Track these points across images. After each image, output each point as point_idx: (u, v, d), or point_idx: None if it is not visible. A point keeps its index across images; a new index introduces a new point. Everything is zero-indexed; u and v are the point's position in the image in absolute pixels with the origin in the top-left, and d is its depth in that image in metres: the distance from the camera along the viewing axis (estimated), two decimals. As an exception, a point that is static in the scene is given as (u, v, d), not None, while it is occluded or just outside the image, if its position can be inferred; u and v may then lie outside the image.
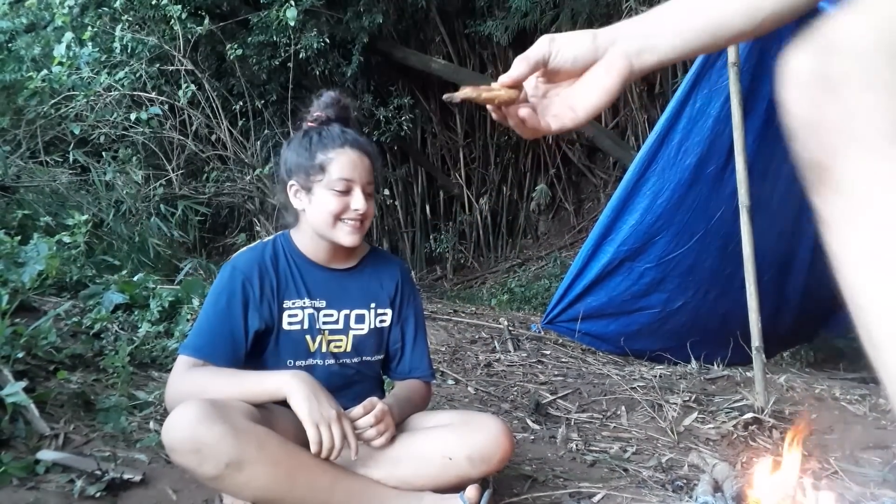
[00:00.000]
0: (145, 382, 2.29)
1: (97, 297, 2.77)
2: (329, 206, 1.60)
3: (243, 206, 4.97)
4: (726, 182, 2.81)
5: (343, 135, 1.63)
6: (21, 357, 2.03)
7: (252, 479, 1.39)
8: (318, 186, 1.60)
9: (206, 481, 1.44)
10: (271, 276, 1.63)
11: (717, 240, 3.01)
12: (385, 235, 6.35)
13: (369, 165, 1.64)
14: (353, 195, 1.60)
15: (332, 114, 1.69)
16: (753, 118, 2.78)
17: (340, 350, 1.68)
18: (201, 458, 1.36)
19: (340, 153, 1.60)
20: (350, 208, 1.60)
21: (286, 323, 1.63)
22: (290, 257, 1.68)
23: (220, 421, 1.37)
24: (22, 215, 3.59)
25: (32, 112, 4.57)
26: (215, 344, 1.58)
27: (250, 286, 1.61)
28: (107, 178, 4.45)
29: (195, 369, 1.55)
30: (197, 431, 1.36)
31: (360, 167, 1.61)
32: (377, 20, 5.01)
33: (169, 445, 1.40)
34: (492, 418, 1.65)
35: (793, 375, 3.04)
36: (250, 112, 5.01)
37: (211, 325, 1.60)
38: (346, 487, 1.50)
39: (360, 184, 1.60)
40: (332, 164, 1.59)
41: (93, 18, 4.90)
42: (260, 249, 1.69)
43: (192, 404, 1.42)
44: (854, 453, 2.12)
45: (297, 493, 1.45)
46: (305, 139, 1.64)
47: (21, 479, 1.60)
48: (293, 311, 1.64)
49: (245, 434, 1.39)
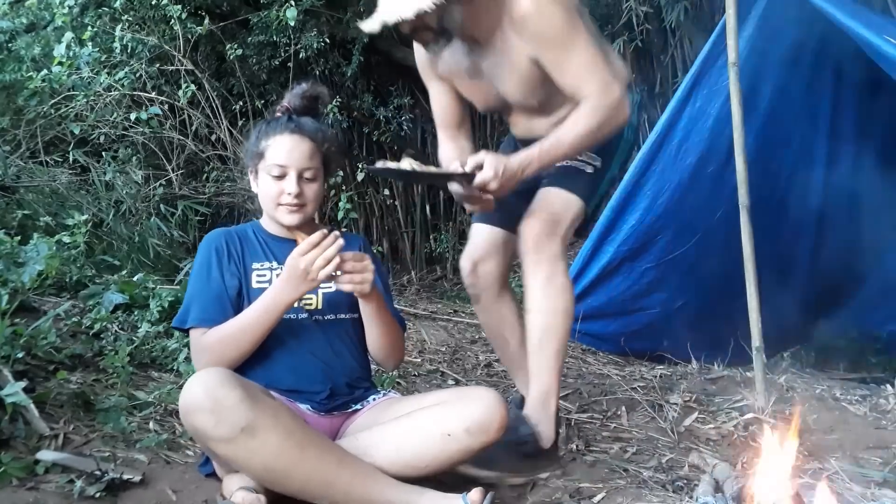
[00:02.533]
0: (145, 383, 2.29)
1: (97, 297, 2.77)
2: (267, 189, 1.74)
3: (243, 206, 4.96)
4: (726, 182, 2.81)
5: (287, 122, 1.75)
6: (21, 357, 2.03)
7: (263, 445, 1.42)
8: (261, 171, 1.75)
9: (217, 444, 1.45)
10: (236, 242, 1.78)
11: (717, 240, 3.00)
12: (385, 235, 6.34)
13: (309, 150, 1.73)
14: (287, 179, 1.71)
15: (296, 104, 1.80)
16: (753, 118, 2.78)
17: (312, 307, 1.75)
18: (218, 419, 1.41)
19: (278, 139, 1.73)
20: (284, 192, 1.71)
21: (255, 282, 1.74)
22: (258, 234, 1.83)
23: (240, 387, 1.44)
24: (22, 215, 3.59)
25: (32, 112, 4.57)
26: (212, 308, 1.69)
27: (222, 250, 1.75)
28: (107, 178, 4.44)
29: (209, 334, 1.67)
30: (217, 392, 1.41)
31: (295, 152, 1.72)
32: (377, 20, 5.01)
33: (186, 406, 1.45)
34: (484, 389, 1.69)
35: (793, 375, 3.04)
36: (250, 112, 5.01)
37: (203, 293, 1.72)
38: (351, 468, 1.51)
39: (295, 168, 1.71)
40: (269, 149, 1.73)
41: (93, 18, 4.89)
42: (228, 228, 1.86)
43: (211, 370, 1.49)
44: (854, 453, 2.11)
45: (304, 466, 1.47)
46: (260, 125, 1.80)
47: (21, 480, 1.60)
48: (261, 272, 1.75)
49: (261, 402, 1.46)
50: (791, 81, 2.95)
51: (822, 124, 3.15)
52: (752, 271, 2.44)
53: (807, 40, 2.83)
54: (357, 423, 1.71)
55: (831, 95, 3.09)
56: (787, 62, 2.88)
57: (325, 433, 1.68)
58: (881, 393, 2.70)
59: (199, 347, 1.68)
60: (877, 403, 2.59)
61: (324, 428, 1.68)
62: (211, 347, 1.66)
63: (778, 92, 2.92)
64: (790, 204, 3.21)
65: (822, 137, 3.17)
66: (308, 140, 1.74)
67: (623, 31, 4.26)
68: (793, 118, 3.04)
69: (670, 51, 4.78)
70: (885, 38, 2.21)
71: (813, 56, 2.91)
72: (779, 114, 2.97)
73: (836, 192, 3.19)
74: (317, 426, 1.67)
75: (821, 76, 3.01)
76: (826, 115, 3.14)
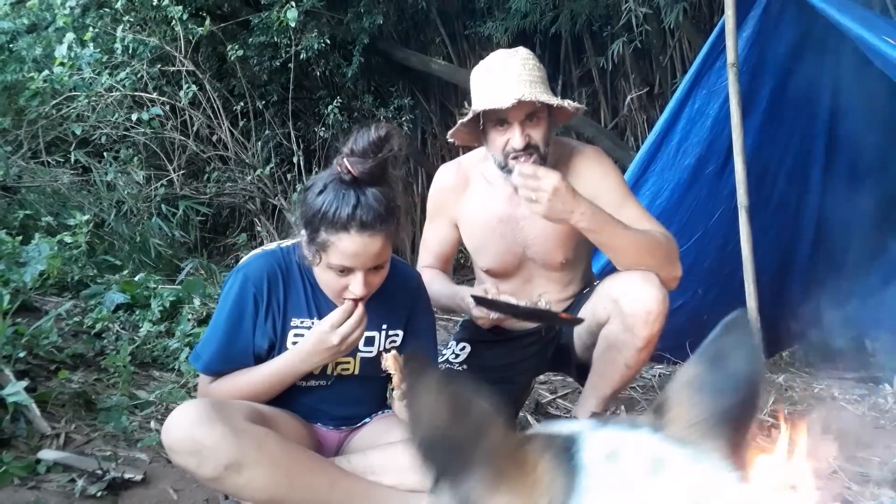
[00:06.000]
0: (146, 382, 2.29)
1: (98, 296, 2.78)
2: (329, 281, 1.53)
3: (244, 206, 4.98)
4: (725, 182, 2.82)
5: (353, 212, 1.44)
6: (22, 357, 2.04)
7: (251, 480, 1.40)
8: (321, 259, 1.50)
9: (206, 482, 1.45)
10: (279, 291, 1.58)
11: (716, 240, 3.01)
12: (385, 236, 6.37)
13: (381, 245, 1.48)
14: (353, 278, 1.49)
15: (361, 170, 1.46)
16: (752, 118, 2.79)
17: (348, 373, 1.65)
18: (201, 460, 1.37)
19: (344, 238, 1.45)
20: (349, 289, 1.51)
21: (290, 342, 1.59)
22: (304, 272, 1.60)
23: (220, 422, 1.38)
24: (24, 215, 3.60)
25: (34, 112, 4.58)
26: (230, 361, 1.59)
27: (261, 299, 1.56)
28: (108, 178, 4.46)
29: (217, 386, 1.59)
30: (196, 432, 1.37)
31: (364, 255, 1.46)
32: (377, 21, 5.01)
33: (169, 447, 1.42)
34: None
35: (792, 375, 3.05)
36: (251, 112, 5.02)
37: (226, 341, 1.58)
38: (345, 488, 1.50)
39: (362, 269, 1.49)
40: (332, 247, 1.46)
41: (94, 19, 4.90)
42: (272, 258, 1.61)
43: (191, 405, 1.44)
44: (854, 453, 2.12)
45: (297, 494, 1.45)
46: (320, 198, 1.47)
47: (22, 479, 1.60)
48: (299, 331, 1.59)
49: (244, 435, 1.40)
50: (790, 82, 2.95)
51: (821, 125, 3.16)
52: (751, 271, 2.45)
53: (806, 41, 2.84)
54: (361, 434, 1.70)
55: (830, 96, 3.09)
56: (786, 63, 2.89)
57: (332, 444, 1.68)
58: (880, 392, 2.71)
59: (206, 392, 1.61)
60: (875, 403, 2.59)
61: (332, 440, 1.68)
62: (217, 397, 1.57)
63: (777, 93, 2.93)
64: (789, 203, 3.21)
65: (821, 137, 3.17)
66: (379, 236, 1.46)
67: (622, 32, 4.27)
68: (791, 119, 3.05)
69: (669, 51, 4.78)
70: (885, 38, 2.21)
71: (812, 56, 2.92)
72: (777, 114, 2.97)
73: (835, 191, 3.19)
74: (326, 438, 1.67)
75: (820, 77, 3.01)
76: (825, 116, 3.14)
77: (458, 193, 2.03)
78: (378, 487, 1.53)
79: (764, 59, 2.80)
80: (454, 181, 2.04)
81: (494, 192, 1.96)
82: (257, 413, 1.52)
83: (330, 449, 1.68)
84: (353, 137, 1.50)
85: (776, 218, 3.13)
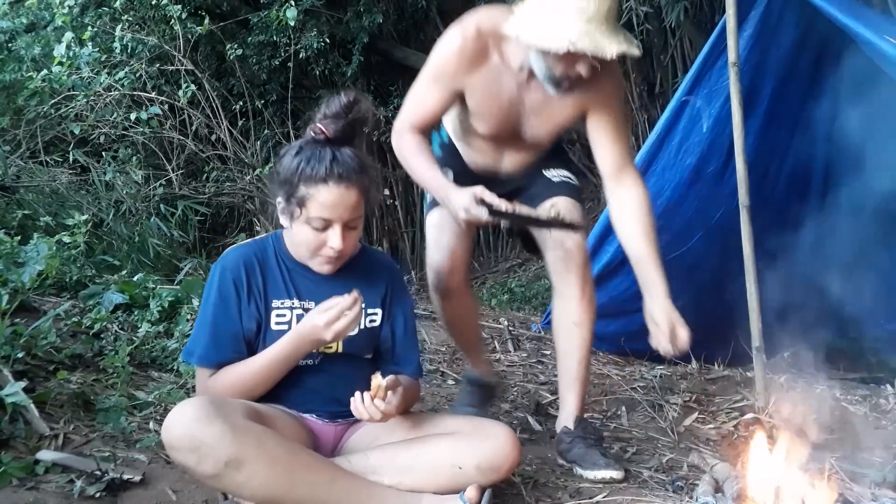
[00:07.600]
0: (145, 382, 2.28)
1: (97, 297, 2.77)
2: (306, 238, 1.59)
3: (243, 205, 4.97)
4: (726, 182, 2.81)
5: (331, 165, 1.54)
6: (21, 357, 2.03)
7: (251, 477, 1.40)
8: (300, 217, 1.57)
9: (205, 480, 1.45)
10: (257, 275, 1.63)
11: (717, 240, 3.00)
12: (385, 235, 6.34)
13: (356, 198, 1.57)
14: (331, 232, 1.57)
15: (334, 130, 1.59)
16: (753, 118, 2.78)
17: (331, 351, 1.66)
18: (200, 457, 1.38)
19: (322, 189, 1.54)
20: (326, 245, 1.57)
21: (274, 322, 1.63)
22: (280, 258, 1.67)
23: (219, 419, 1.39)
24: (22, 215, 3.59)
25: (32, 112, 4.58)
26: (225, 349, 1.60)
27: (242, 284, 1.61)
28: (107, 177, 4.45)
29: (217, 379, 1.60)
30: (195, 430, 1.37)
31: (341, 205, 1.55)
32: (377, 20, 5.01)
33: (168, 444, 1.42)
34: (500, 426, 1.66)
35: (793, 375, 3.04)
36: (250, 112, 5.01)
37: (215, 329, 1.61)
38: (345, 486, 1.50)
39: (339, 221, 1.56)
40: (311, 200, 1.54)
41: (93, 18, 4.90)
42: (249, 247, 1.69)
43: (191, 402, 1.45)
44: (854, 453, 2.11)
45: (296, 492, 1.45)
46: (297, 158, 1.58)
47: (21, 480, 1.60)
48: (281, 311, 1.63)
49: (244, 432, 1.41)
50: (791, 81, 2.94)
51: (822, 125, 3.15)
52: (752, 271, 2.45)
53: (807, 40, 2.83)
54: (361, 433, 1.69)
55: (831, 95, 3.09)
56: (787, 62, 2.88)
57: (329, 440, 1.68)
58: (881, 393, 2.71)
59: (205, 388, 1.62)
60: (877, 403, 2.59)
61: (328, 435, 1.68)
62: (217, 393, 1.58)
63: (778, 92, 2.92)
64: (790, 204, 3.20)
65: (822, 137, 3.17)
66: (355, 189, 1.56)
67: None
68: (793, 118, 3.04)
69: (670, 51, 4.78)
70: (885, 38, 2.21)
71: (813, 56, 2.91)
72: (779, 114, 2.97)
73: (836, 191, 3.19)
74: (321, 432, 1.67)
75: (821, 76, 3.01)
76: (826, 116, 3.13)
77: (472, 66, 1.96)
78: (378, 487, 1.53)
79: (765, 58, 2.79)
80: (471, 53, 1.95)
81: (509, 75, 1.97)
82: (255, 412, 1.53)
83: (326, 445, 1.67)
84: (324, 104, 1.64)
85: (777, 217, 3.12)
